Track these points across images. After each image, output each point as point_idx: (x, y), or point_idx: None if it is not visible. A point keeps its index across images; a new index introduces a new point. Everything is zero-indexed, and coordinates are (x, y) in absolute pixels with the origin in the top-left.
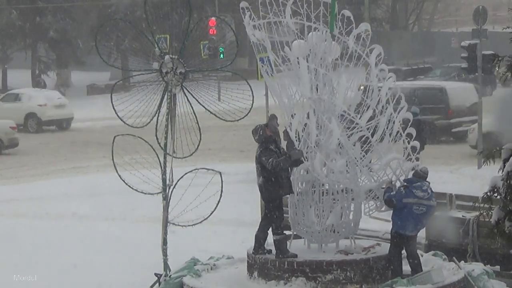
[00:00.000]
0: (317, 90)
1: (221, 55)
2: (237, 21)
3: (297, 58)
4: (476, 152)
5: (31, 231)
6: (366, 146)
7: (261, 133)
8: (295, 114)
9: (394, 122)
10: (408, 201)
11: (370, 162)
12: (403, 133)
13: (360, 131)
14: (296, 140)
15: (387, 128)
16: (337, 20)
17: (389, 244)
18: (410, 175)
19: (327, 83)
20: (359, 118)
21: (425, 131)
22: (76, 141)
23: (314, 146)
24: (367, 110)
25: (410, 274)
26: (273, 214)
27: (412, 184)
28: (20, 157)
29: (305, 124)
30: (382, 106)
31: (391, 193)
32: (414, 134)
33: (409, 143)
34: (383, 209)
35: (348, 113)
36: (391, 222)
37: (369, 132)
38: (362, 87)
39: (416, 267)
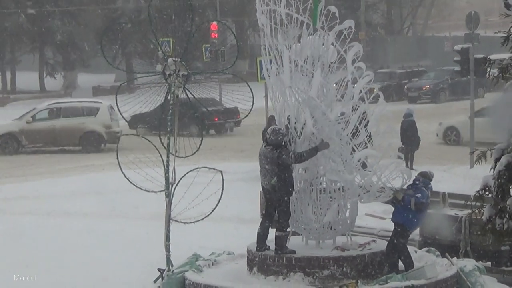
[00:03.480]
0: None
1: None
2: (238, 25)
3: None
4: None
5: (39, 228)
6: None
7: (279, 138)
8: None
9: (366, 120)
10: (426, 201)
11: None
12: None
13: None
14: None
15: (359, 124)
16: (321, 15)
17: (397, 241)
18: (388, 172)
19: (305, 75)
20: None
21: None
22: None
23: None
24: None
25: (404, 270)
26: (283, 212)
27: (427, 185)
28: (27, 156)
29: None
30: (355, 104)
31: (417, 195)
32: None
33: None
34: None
35: (319, 105)
36: (403, 220)
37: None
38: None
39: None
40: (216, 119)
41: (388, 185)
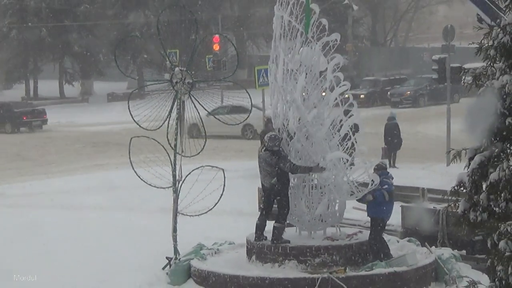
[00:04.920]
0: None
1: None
2: (238, 37)
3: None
4: None
5: (58, 220)
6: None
7: (277, 143)
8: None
9: (342, 125)
10: (393, 188)
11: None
12: (353, 136)
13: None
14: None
15: (333, 128)
16: (313, 25)
17: (374, 233)
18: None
19: (293, 79)
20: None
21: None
22: (98, 142)
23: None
24: (314, 107)
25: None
26: (284, 206)
27: (387, 175)
28: (48, 156)
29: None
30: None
31: (384, 187)
32: (363, 139)
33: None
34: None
35: (300, 106)
36: (376, 212)
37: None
38: (347, 95)
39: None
40: (24, 118)
41: (355, 185)
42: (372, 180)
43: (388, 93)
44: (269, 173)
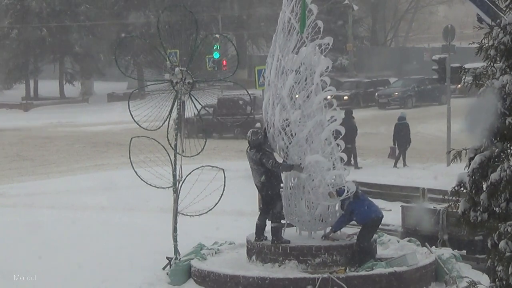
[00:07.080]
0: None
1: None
2: (238, 37)
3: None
4: None
5: (59, 220)
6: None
7: (259, 137)
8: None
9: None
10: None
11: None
12: (334, 141)
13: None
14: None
15: (314, 131)
16: (309, 26)
17: (364, 233)
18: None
19: (283, 75)
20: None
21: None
22: (98, 142)
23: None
24: (299, 108)
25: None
26: (275, 205)
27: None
28: (49, 156)
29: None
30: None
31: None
32: (343, 145)
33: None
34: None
35: (286, 104)
36: (365, 217)
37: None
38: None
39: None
40: None
41: (329, 190)
42: (347, 188)
43: (376, 94)
44: (256, 171)
